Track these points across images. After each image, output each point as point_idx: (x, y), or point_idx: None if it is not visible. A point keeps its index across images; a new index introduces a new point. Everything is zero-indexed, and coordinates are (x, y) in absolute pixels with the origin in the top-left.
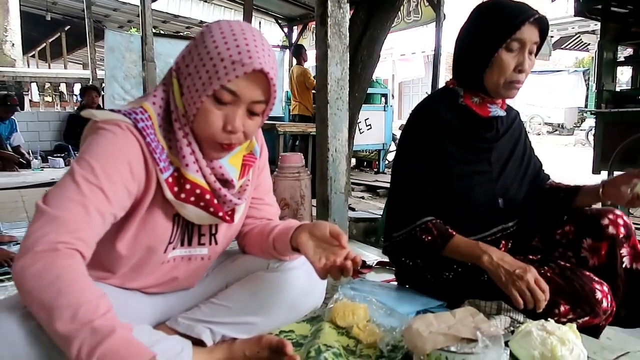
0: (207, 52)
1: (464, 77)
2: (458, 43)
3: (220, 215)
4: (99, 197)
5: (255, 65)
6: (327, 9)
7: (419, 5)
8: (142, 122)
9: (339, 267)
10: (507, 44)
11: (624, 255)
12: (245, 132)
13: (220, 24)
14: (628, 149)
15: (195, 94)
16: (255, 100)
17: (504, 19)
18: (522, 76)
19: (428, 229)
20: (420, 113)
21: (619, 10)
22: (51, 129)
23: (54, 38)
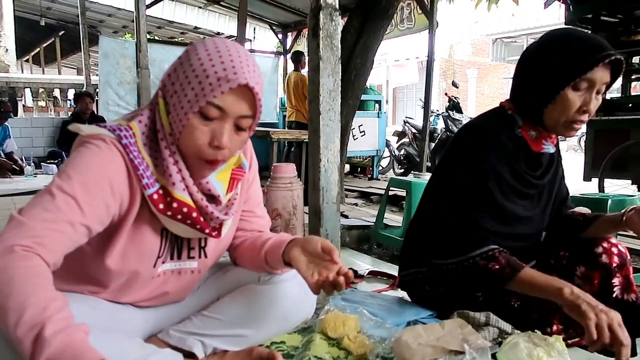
0: (193, 70)
1: (524, 106)
2: (522, 69)
3: (207, 232)
4: (72, 207)
5: (241, 80)
6: (319, 21)
7: (412, 13)
8: (126, 139)
9: (331, 283)
10: (575, 82)
11: (615, 285)
12: (231, 149)
13: (205, 42)
14: (618, 157)
15: (181, 111)
16: (242, 115)
17: (577, 55)
18: (585, 117)
19: (494, 258)
20: (479, 134)
21: (609, 19)
22: (44, 135)
23: (48, 43)
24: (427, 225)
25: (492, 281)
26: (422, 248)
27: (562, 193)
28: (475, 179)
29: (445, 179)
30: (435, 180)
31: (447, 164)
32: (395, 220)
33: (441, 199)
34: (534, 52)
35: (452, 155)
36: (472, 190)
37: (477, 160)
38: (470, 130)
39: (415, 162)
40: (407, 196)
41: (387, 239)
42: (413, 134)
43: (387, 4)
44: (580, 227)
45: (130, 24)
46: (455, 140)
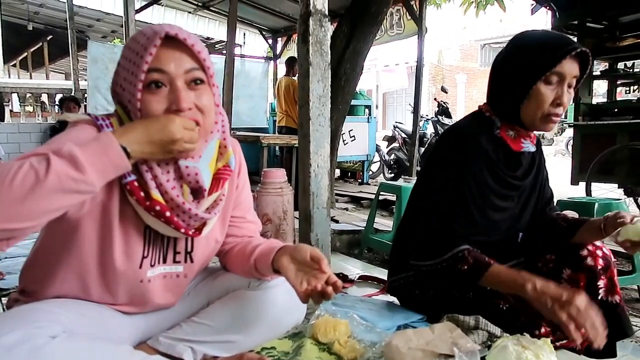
0: (125, 58)
1: (500, 107)
2: (495, 71)
3: (183, 232)
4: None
5: (161, 33)
6: (309, 27)
7: (402, 18)
8: (103, 128)
9: (320, 292)
10: (546, 77)
11: (600, 287)
12: (199, 106)
13: (131, 36)
14: (605, 161)
15: (131, 97)
16: (186, 69)
17: (544, 51)
18: (559, 110)
19: (463, 259)
20: (459, 139)
21: (595, 25)
22: (32, 140)
23: (35, 48)
24: (411, 230)
25: (464, 281)
26: (408, 252)
27: (546, 195)
28: (455, 183)
29: (427, 184)
30: (418, 185)
31: (429, 169)
32: (386, 224)
33: (423, 204)
34: (506, 54)
35: (434, 159)
36: (451, 194)
37: (458, 165)
38: (450, 135)
39: (405, 166)
40: (397, 201)
41: (378, 244)
42: (403, 138)
43: (377, 10)
44: (565, 234)
45: (119, 29)
46: (436, 144)
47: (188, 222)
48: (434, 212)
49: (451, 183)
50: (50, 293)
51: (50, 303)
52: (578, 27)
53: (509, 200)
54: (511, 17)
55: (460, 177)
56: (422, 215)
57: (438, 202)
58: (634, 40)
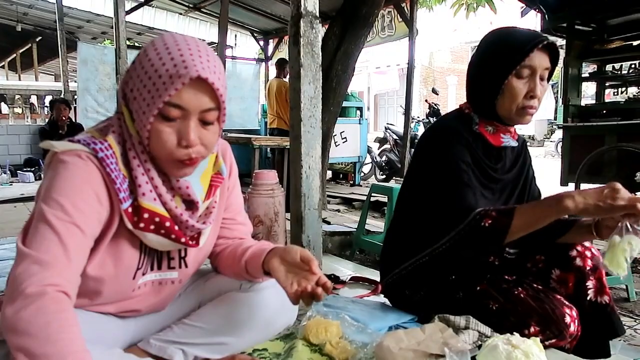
0: (145, 72)
1: (477, 103)
2: (470, 70)
3: (183, 242)
4: (75, 233)
5: (192, 73)
6: (300, 29)
7: (393, 21)
8: (102, 152)
9: (310, 293)
10: (517, 70)
11: (589, 288)
12: (205, 144)
13: (154, 41)
14: (593, 162)
15: (143, 117)
16: (204, 109)
17: (513, 45)
18: (534, 102)
19: (484, 215)
20: (444, 131)
21: (583, 28)
22: (21, 142)
23: (24, 49)
24: (406, 226)
25: (491, 239)
26: (402, 248)
27: (533, 194)
28: (449, 167)
29: (420, 179)
30: (410, 183)
31: (419, 165)
32: (377, 226)
33: (421, 197)
34: (478, 52)
35: (420, 156)
36: (450, 177)
37: (446, 151)
38: (433, 131)
39: (397, 168)
40: (389, 202)
41: (369, 245)
42: (394, 140)
43: (368, 12)
44: (557, 233)
45: (109, 30)
46: (421, 142)
47: (185, 233)
48: (439, 195)
49: (446, 169)
50: None
51: None
52: (567, 29)
53: (487, 191)
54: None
55: (452, 162)
56: (425, 204)
57: (439, 187)
58: (621, 42)
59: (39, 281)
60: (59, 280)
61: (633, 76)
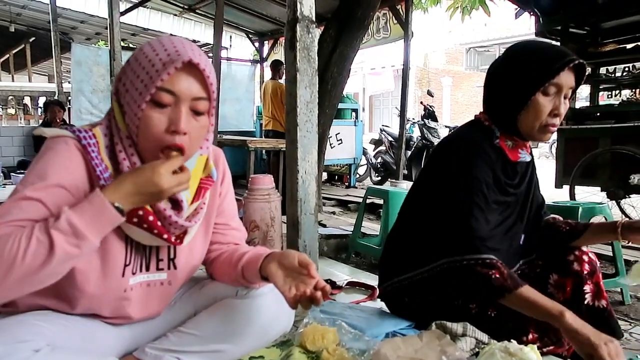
0: (139, 64)
1: (498, 116)
2: (493, 81)
3: (166, 238)
4: (39, 208)
5: (184, 57)
6: (296, 33)
7: (388, 23)
8: (86, 140)
9: (308, 297)
10: (545, 88)
11: (586, 292)
12: (191, 135)
13: (149, 41)
14: (587, 165)
15: (134, 105)
16: (195, 97)
17: (543, 62)
18: (557, 120)
19: (494, 266)
20: (466, 146)
21: (577, 31)
22: (14, 144)
23: (17, 49)
24: (410, 236)
25: (488, 290)
26: (404, 258)
27: (538, 200)
28: (467, 187)
29: (433, 190)
30: (419, 192)
31: (435, 176)
32: (373, 228)
33: (430, 210)
34: (503, 64)
35: (438, 166)
36: (466, 196)
37: (468, 169)
38: (454, 142)
39: (392, 170)
40: (385, 205)
41: (365, 248)
42: (389, 142)
43: (363, 15)
44: (569, 236)
45: (104, 31)
46: (439, 152)
47: (169, 230)
48: (451, 214)
49: (463, 187)
50: (31, 304)
51: (33, 315)
52: (561, 32)
53: (502, 206)
54: (496, 21)
55: (472, 180)
56: (431, 219)
57: (450, 205)
58: (615, 45)
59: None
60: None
61: (627, 79)
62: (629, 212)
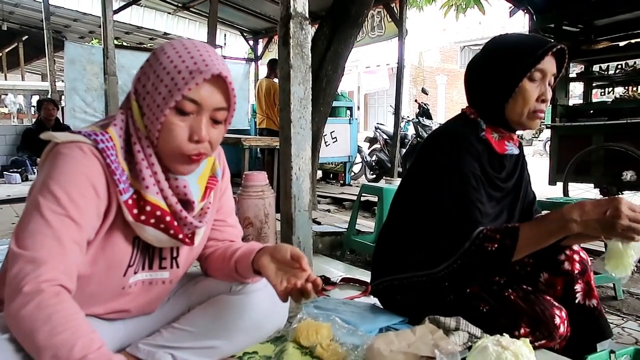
0: (164, 68)
1: (484, 108)
2: (476, 74)
3: (180, 238)
4: (70, 226)
5: (213, 70)
6: (290, 29)
7: (382, 21)
8: (103, 144)
9: (299, 290)
10: (531, 74)
11: (577, 291)
12: (211, 142)
13: (171, 42)
14: (581, 162)
15: (157, 109)
16: (217, 107)
17: (527, 49)
18: (544, 106)
19: (487, 237)
20: (451, 140)
21: (571, 29)
22: (7, 143)
23: (10, 48)
24: (402, 234)
25: (496, 263)
26: (396, 256)
27: (529, 197)
28: (459, 182)
29: (423, 187)
30: (409, 189)
31: (423, 171)
32: (368, 226)
33: (421, 207)
34: (485, 56)
35: (426, 162)
36: (458, 193)
37: (456, 163)
38: (441, 136)
39: (387, 167)
40: (379, 202)
41: (360, 245)
42: (384, 140)
43: (357, 12)
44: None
45: (97, 29)
46: (426, 147)
47: (183, 230)
48: (445, 212)
49: (454, 183)
50: None
51: None
52: (554, 30)
53: (492, 202)
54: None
55: (462, 176)
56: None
57: (446, 203)
58: (608, 43)
59: (35, 278)
60: (54, 275)
61: (620, 76)
62: None
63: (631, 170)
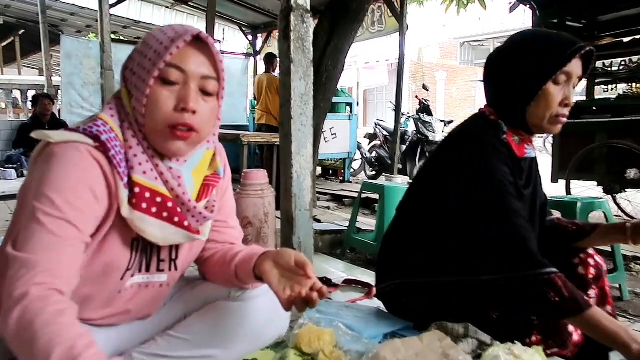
0: (147, 45)
1: (505, 109)
2: (497, 72)
3: (186, 226)
4: (67, 229)
5: (193, 32)
6: (290, 23)
7: (383, 16)
8: (106, 134)
9: (304, 299)
10: (556, 76)
11: (591, 297)
12: (202, 116)
13: (158, 27)
14: (584, 159)
15: (142, 84)
16: (204, 75)
17: (554, 50)
18: (567, 110)
19: (553, 285)
20: (475, 143)
21: (574, 24)
22: (2, 138)
23: (7, 42)
24: (413, 237)
25: (544, 311)
26: (405, 259)
27: (541, 198)
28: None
29: (439, 193)
30: (422, 191)
31: (442, 173)
32: (368, 224)
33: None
34: (509, 54)
35: (445, 163)
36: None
37: (485, 174)
38: (462, 139)
39: (387, 164)
40: (380, 200)
41: (361, 244)
42: (384, 136)
43: (358, 7)
44: (576, 236)
45: (94, 24)
46: (446, 148)
47: (190, 222)
48: (483, 222)
49: (490, 191)
50: None
51: None
52: (557, 25)
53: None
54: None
55: (495, 182)
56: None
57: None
58: (611, 39)
59: (26, 282)
60: (45, 278)
61: (623, 73)
62: (624, 206)
63: (635, 168)
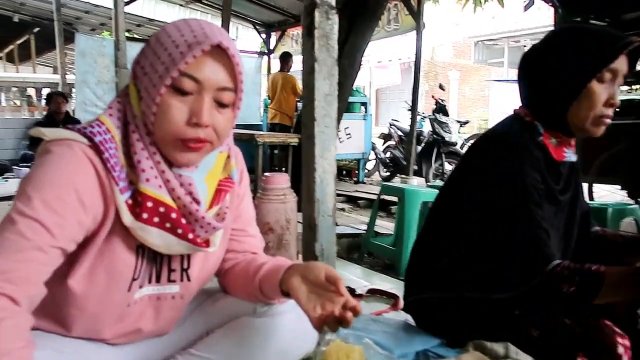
0: (161, 44)
1: (543, 109)
2: (536, 70)
3: (191, 238)
4: (37, 231)
5: (213, 40)
6: (315, 19)
7: (399, 14)
8: (100, 136)
9: (337, 318)
10: (601, 74)
11: None
12: (216, 129)
13: (173, 22)
14: (607, 162)
15: (153, 89)
16: (220, 87)
17: (599, 45)
18: (611, 111)
19: (564, 277)
20: (510, 149)
21: (597, 22)
22: (17, 136)
23: (22, 40)
24: (445, 248)
25: (572, 307)
26: (437, 272)
27: (582, 207)
28: (522, 200)
29: (470, 200)
30: (454, 198)
31: (473, 180)
32: (385, 227)
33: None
34: (549, 51)
35: (477, 169)
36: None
37: (516, 181)
38: (496, 143)
39: (401, 165)
40: (399, 203)
41: (379, 248)
42: (399, 136)
43: (376, 5)
44: (625, 249)
45: (108, 22)
46: (478, 153)
47: (194, 228)
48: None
49: (516, 201)
50: None
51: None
52: (580, 24)
53: (550, 219)
54: (504, 14)
55: (525, 193)
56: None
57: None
58: (637, 38)
59: None
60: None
61: None
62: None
63: None
